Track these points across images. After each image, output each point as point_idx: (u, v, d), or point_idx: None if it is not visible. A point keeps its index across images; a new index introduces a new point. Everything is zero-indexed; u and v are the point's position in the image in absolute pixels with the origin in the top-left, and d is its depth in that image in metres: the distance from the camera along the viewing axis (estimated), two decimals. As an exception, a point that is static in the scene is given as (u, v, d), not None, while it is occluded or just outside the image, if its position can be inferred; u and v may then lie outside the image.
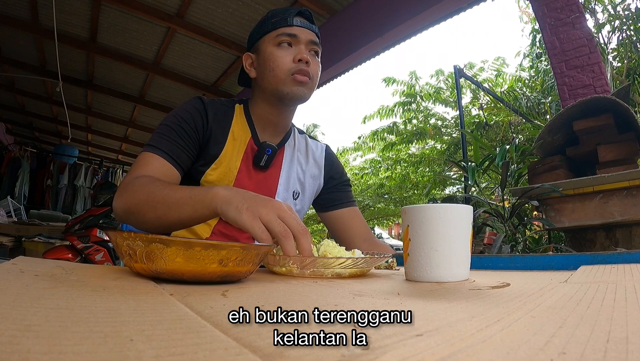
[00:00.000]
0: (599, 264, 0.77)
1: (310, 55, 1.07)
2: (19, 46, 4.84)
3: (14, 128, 8.55)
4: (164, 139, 0.99)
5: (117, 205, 0.89)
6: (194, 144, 1.04)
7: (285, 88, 1.05)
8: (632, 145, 2.66)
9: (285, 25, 1.06)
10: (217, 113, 1.09)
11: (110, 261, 3.42)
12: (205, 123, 1.06)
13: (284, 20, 1.07)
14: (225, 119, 1.11)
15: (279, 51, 1.05)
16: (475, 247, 3.11)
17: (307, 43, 1.08)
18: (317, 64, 1.11)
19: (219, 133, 1.08)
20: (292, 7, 1.11)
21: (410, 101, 9.11)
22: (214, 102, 1.11)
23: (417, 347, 0.22)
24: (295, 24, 1.07)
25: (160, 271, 0.47)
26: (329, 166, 1.27)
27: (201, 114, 1.06)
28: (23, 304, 0.29)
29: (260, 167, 1.11)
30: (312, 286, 0.52)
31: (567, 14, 3.27)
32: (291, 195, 1.18)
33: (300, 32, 1.07)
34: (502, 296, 0.43)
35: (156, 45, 4.62)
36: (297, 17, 1.09)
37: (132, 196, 0.85)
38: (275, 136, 1.16)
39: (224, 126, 1.09)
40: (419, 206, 0.63)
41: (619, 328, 0.25)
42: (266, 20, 1.10)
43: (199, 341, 0.22)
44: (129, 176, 0.93)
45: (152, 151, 0.97)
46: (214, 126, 1.07)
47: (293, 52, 1.06)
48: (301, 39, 1.07)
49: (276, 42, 1.06)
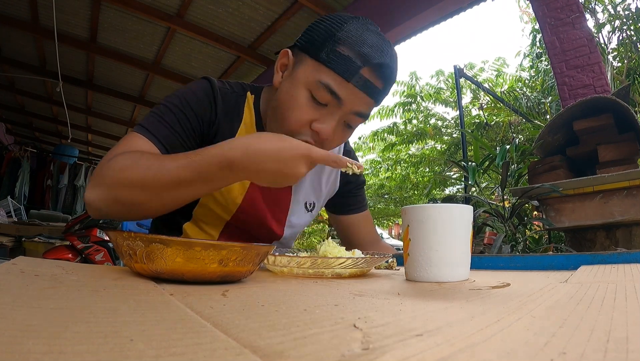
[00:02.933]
0: (599, 264, 0.77)
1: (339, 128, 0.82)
2: (19, 46, 4.83)
3: (14, 128, 8.55)
4: (159, 121, 0.80)
5: (94, 197, 0.69)
6: (193, 131, 0.84)
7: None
8: (632, 145, 2.66)
9: (341, 76, 0.75)
10: (227, 105, 0.90)
11: (110, 261, 3.42)
12: (214, 116, 0.87)
13: (347, 67, 0.74)
14: (234, 113, 0.91)
15: (305, 102, 0.78)
16: (475, 247, 3.10)
17: (348, 114, 0.80)
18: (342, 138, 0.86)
19: (227, 129, 0.89)
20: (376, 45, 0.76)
21: (410, 101, 9.12)
22: (224, 89, 0.91)
23: (417, 347, 0.22)
24: (354, 81, 0.75)
25: (161, 271, 0.47)
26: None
27: (211, 104, 0.87)
28: (23, 304, 0.29)
29: None
30: (312, 286, 0.52)
31: (567, 13, 3.27)
32: (304, 207, 1.05)
33: (349, 97, 0.77)
34: (502, 296, 0.43)
35: (156, 45, 4.62)
36: (367, 69, 0.75)
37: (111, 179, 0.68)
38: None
39: (233, 119, 0.91)
40: (419, 206, 0.63)
41: (619, 328, 0.25)
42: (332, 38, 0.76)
43: (199, 341, 0.22)
44: (105, 158, 0.73)
45: (141, 132, 0.77)
46: (222, 121, 0.88)
47: (319, 115, 0.79)
48: (345, 106, 0.78)
49: (312, 88, 0.77)
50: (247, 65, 4.83)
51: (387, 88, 0.81)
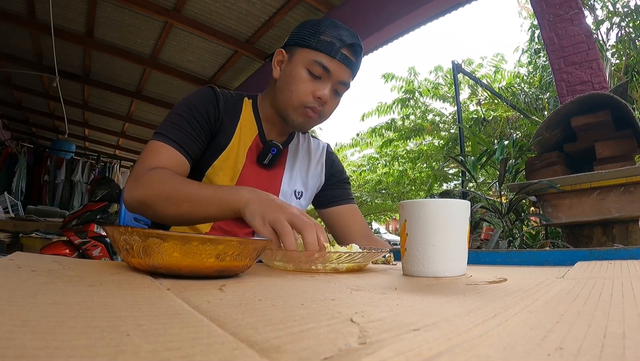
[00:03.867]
0: (596, 260, 0.77)
1: (332, 94, 1.05)
2: (15, 41, 4.81)
3: (10, 124, 8.51)
4: (175, 128, 0.98)
5: (131, 196, 0.88)
6: (205, 134, 1.03)
7: (293, 116, 1.04)
8: (630, 142, 2.67)
9: (328, 55, 1.00)
10: (228, 104, 1.09)
11: (107, 257, 3.42)
12: (217, 113, 1.05)
13: (330, 48, 1.00)
14: (234, 111, 1.10)
15: (305, 78, 1.02)
16: (472, 242, 3.12)
17: (337, 82, 1.04)
18: (336, 104, 1.09)
19: (228, 124, 1.08)
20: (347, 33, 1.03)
21: (408, 97, 9.11)
22: (225, 92, 1.11)
23: (414, 342, 0.22)
24: (337, 57, 1.00)
25: (158, 266, 0.47)
26: (330, 164, 1.28)
27: (213, 104, 1.05)
28: (20, 299, 0.29)
29: (264, 165, 1.11)
30: (309, 281, 0.52)
31: (565, 10, 3.26)
32: (294, 194, 1.18)
33: (336, 70, 1.02)
34: (499, 291, 0.43)
35: (153, 40, 4.60)
36: (345, 49, 1.02)
37: (149, 188, 0.86)
38: (281, 135, 1.16)
39: (233, 117, 1.09)
40: (417, 201, 0.63)
41: (616, 324, 0.26)
42: (316, 32, 1.02)
43: (195, 335, 0.22)
44: (139, 166, 0.92)
45: (162, 140, 0.96)
46: (224, 117, 1.07)
47: (317, 86, 1.02)
48: (333, 77, 1.02)
49: (309, 66, 1.01)
50: (244, 60, 4.82)
51: (358, 63, 1.07)
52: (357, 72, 1.09)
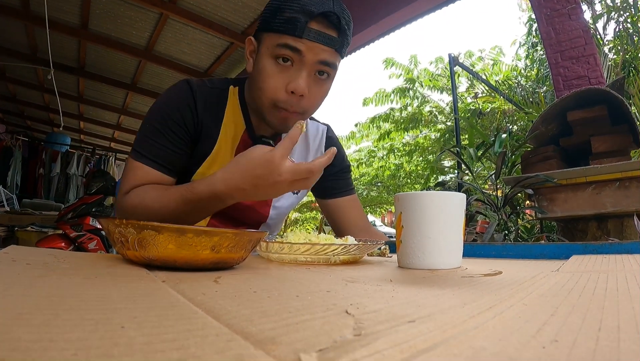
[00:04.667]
0: (591, 254, 0.77)
1: (313, 82, 0.86)
2: (9, 34, 4.75)
3: (5, 117, 8.44)
4: (149, 143, 0.88)
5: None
6: (184, 141, 0.92)
7: (268, 117, 0.90)
8: (626, 137, 2.68)
9: (292, 35, 0.80)
10: (208, 101, 0.95)
11: (103, 249, 3.42)
12: (195, 116, 0.92)
13: (294, 26, 0.80)
14: (217, 108, 0.96)
15: (272, 68, 0.84)
16: (467, 235, 3.13)
17: (314, 64, 0.84)
18: (319, 93, 0.89)
19: (211, 126, 0.95)
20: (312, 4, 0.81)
21: (408, 86, 9.08)
22: (204, 86, 0.96)
23: (409, 333, 0.22)
24: (305, 35, 0.80)
25: (153, 258, 0.47)
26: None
27: (189, 105, 0.91)
28: (14, 292, 0.29)
29: None
30: (304, 273, 0.52)
31: (563, 4, 3.26)
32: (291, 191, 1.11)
33: (308, 50, 0.81)
34: (494, 284, 0.43)
35: (148, 32, 4.56)
36: (315, 22, 0.81)
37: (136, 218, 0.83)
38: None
39: (215, 116, 0.95)
40: (412, 193, 0.63)
41: (611, 317, 0.26)
42: (277, 8, 0.83)
43: (190, 327, 0.22)
44: (120, 191, 0.89)
45: (138, 159, 0.88)
46: (204, 118, 0.93)
47: (289, 77, 0.84)
48: (306, 59, 0.82)
49: (274, 53, 0.83)
50: (240, 51, 4.78)
51: (343, 34, 0.84)
52: (344, 45, 0.87)
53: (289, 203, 1.12)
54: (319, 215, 10.60)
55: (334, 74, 0.89)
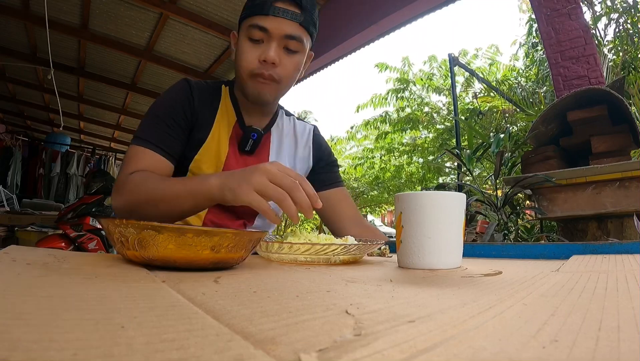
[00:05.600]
0: (591, 254, 0.77)
1: (283, 53, 0.98)
2: (9, 33, 4.75)
3: (5, 117, 8.44)
4: (152, 129, 0.97)
5: (117, 204, 0.90)
6: (183, 131, 1.01)
7: (248, 89, 1.00)
8: (626, 137, 2.68)
9: (260, 14, 0.94)
10: (203, 95, 1.06)
11: (103, 250, 3.42)
12: (192, 107, 1.03)
13: (261, 6, 0.94)
14: (212, 102, 1.07)
15: (247, 46, 0.97)
16: (467, 235, 3.13)
17: (281, 38, 0.96)
18: (291, 64, 1.00)
19: (206, 117, 1.05)
20: None
21: (403, 87, 9.08)
22: (201, 84, 1.08)
23: (409, 333, 0.22)
24: (271, 12, 0.93)
25: (153, 258, 0.47)
26: (318, 147, 1.24)
27: (188, 99, 1.03)
28: (14, 292, 0.29)
29: (247, 152, 1.08)
30: (304, 273, 0.52)
31: (563, 4, 3.26)
32: None
33: (273, 25, 0.94)
34: (494, 284, 0.43)
35: (148, 32, 4.56)
36: (280, 2, 0.95)
37: (131, 194, 0.86)
38: (261, 119, 1.12)
39: (210, 109, 1.06)
40: (412, 194, 0.63)
41: (611, 317, 0.26)
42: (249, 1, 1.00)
43: (190, 327, 0.22)
44: (122, 172, 0.93)
45: (141, 144, 0.95)
46: (200, 110, 1.04)
47: (261, 49, 0.96)
48: (273, 34, 0.95)
49: (248, 34, 0.97)
50: (240, 52, 4.77)
51: (305, 10, 0.97)
52: (309, 21, 0.99)
53: None
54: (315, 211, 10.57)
55: (303, 51, 1.01)
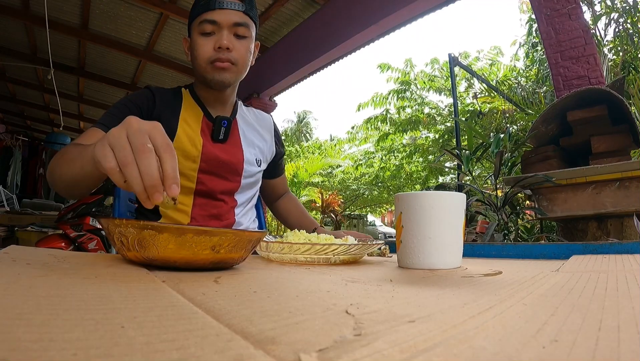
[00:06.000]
0: (591, 254, 0.77)
1: (234, 39, 1.07)
2: (9, 34, 4.76)
3: (5, 117, 8.44)
4: (112, 116, 1.04)
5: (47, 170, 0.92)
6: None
7: (208, 76, 1.08)
8: (626, 137, 2.68)
9: (207, 10, 1.04)
10: (165, 98, 1.14)
11: (103, 250, 3.41)
12: (152, 105, 1.11)
13: (206, 5, 1.05)
14: (174, 103, 1.14)
15: (201, 40, 1.06)
16: (467, 235, 3.13)
17: (229, 26, 1.06)
18: (243, 47, 1.10)
19: (170, 117, 1.11)
20: None
21: (404, 88, 9.08)
22: (162, 89, 1.17)
23: (409, 333, 0.22)
24: (216, 6, 1.04)
25: (153, 258, 0.47)
26: (277, 136, 1.37)
27: (148, 98, 1.12)
28: (14, 292, 0.29)
29: (220, 140, 1.15)
30: (304, 273, 0.52)
31: (563, 4, 3.26)
32: (255, 162, 1.23)
33: (220, 17, 1.05)
34: (494, 284, 0.43)
35: (148, 32, 4.57)
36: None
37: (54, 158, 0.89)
38: (224, 109, 1.20)
39: (173, 109, 1.13)
40: (412, 194, 0.63)
41: (611, 317, 0.26)
42: (194, 4, 1.09)
43: (190, 327, 0.22)
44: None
45: (98, 127, 1.01)
46: (162, 110, 1.11)
47: (214, 40, 1.06)
48: (222, 24, 1.05)
49: (199, 30, 1.06)
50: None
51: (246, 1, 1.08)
52: (251, 10, 1.10)
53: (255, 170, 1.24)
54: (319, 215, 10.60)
55: (251, 36, 1.11)
